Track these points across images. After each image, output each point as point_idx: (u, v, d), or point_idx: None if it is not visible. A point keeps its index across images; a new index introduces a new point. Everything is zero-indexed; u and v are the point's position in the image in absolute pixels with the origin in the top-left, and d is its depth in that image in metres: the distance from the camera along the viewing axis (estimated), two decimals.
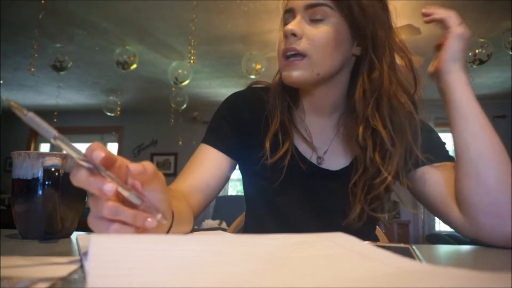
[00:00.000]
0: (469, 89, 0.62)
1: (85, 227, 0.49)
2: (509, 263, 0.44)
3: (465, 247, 0.59)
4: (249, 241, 0.35)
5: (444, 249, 0.57)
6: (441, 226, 4.84)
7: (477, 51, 3.15)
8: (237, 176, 1.00)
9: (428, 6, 0.64)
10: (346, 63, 0.68)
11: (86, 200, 0.60)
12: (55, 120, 3.65)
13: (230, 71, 4.15)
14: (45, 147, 6.15)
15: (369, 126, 0.65)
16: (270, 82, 0.78)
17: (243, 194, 0.83)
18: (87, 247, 0.28)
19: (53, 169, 0.51)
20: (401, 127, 0.64)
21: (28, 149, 5.94)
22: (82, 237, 0.49)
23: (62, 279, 0.29)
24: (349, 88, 0.70)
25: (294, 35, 0.63)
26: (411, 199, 0.75)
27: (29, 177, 0.53)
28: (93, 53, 3.70)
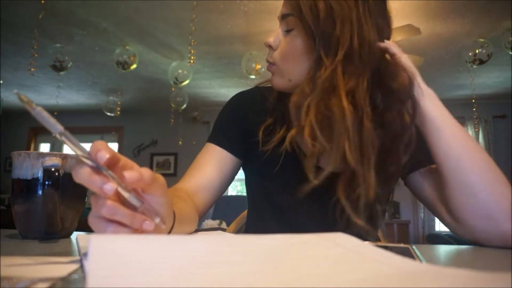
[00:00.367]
0: (438, 99, 0.62)
1: (85, 227, 0.49)
2: (509, 263, 0.44)
3: (465, 247, 0.59)
4: (249, 241, 0.35)
5: (444, 249, 0.57)
6: (441, 226, 4.84)
7: (477, 51, 3.14)
8: (237, 176, 1.01)
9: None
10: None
11: (86, 200, 0.60)
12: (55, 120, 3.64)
13: (230, 71, 4.15)
14: (45, 147, 6.15)
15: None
16: None
17: (243, 194, 0.83)
18: (87, 247, 0.28)
19: (53, 169, 0.51)
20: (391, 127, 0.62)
21: (28, 149, 5.94)
22: (82, 237, 0.49)
23: (62, 279, 0.29)
24: None
25: (270, 47, 0.68)
26: (411, 199, 0.75)
27: (29, 177, 0.53)
28: (93, 53, 3.70)
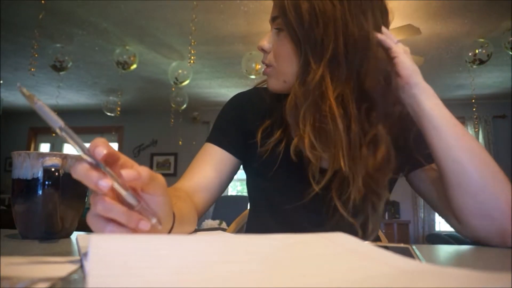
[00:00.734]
0: (437, 98, 0.62)
1: (85, 227, 0.49)
2: (509, 263, 0.44)
3: (465, 247, 0.59)
4: (249, 241, 0.35)
5: (444, 249, 0.57)
6: (441, 226, 4.84)
7: (477, 51, 3.14)
8: (237, 176, 1.01)
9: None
10: None
11: (86, 200, 0.60)
12: None
13: (230, 71, 4.15)
14: (45, 147, 6.15)
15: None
16: None
17: (243, 194, 0.84)
18: (87, 247, 0.28)
19: (53, 169, 0.50)
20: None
21: (28, 149, 5.94)
22: (82, 237, 0.49)
23: (62, 279, 0.29)
24: None
25: (263, 50, 0.69)
26: (411, 199, 0.75)
27: (29, 177, 0.53)
28: (93, 53, 3.70)
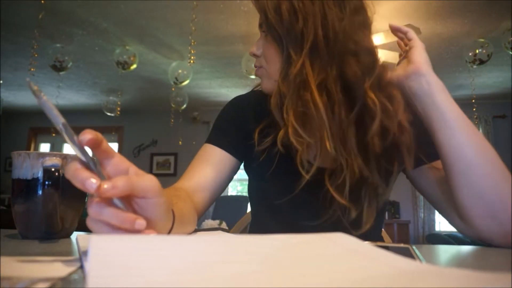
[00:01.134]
0: (449, 94, 0.61)
1: (85, 227, 0.49)
2: (509, 263, 0.44)
3: (465, 247, 0.59)
4: (249, 241, 0.35)
5: (444, 249, 0.57)
6: (441, 226, 4.83)
7: (477, 51, 3.14)
8: (237, 176, 1.02)
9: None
10: None
11: (86, 200, 0.60)
12: None
13: (230, 71, 4.15)
14: (45, 147, 6.15)
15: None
16: None
17: (243, 194, 0.84)
18: (87, 247, 0.28)
19: (53, 169, 0.50)
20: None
21: (28, 149, 5.94)
22: (82, 237, 0.49)
23: (62, 279, 0.29)
24: None
25: (254, 55, 0.72)
26: (411, 199, 0.75)
27: (29, 177, 0.53)
28: (93, 53, 3.70)
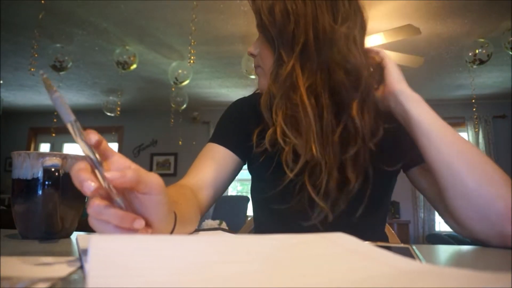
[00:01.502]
0: (425, 104, 0.62)
1: (85, 227, 0.49)
2: (509, 263, 0.44)
3: (465, 247, 0.59)
4: (249, 241, 0.35)
5: (444, 249, 0.56)
6: (441, 226, 4.84)
7: (477, 51, 3.14)
8: (237, 176, 1.02)
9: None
10: None
11: (86, 200, 0.60)
12: (55, 120, 3.64)
13: (230, 71, 4.15)
14: (45, 147, 6.15)
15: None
16: None
17: (243, 194, 0.85)
18: (87, 247, 0.28)
19: (53, 169, 0.51)
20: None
21: (28, 149, 5.94)
22: (82, 237, 0.49)
23: (62, 279, 0.29)
24: None
25: (252, 55, 0.74)
26: (411, 199, 0.75)
27: (29, 177, 0.53)
28: (93, 53, 3.70)
